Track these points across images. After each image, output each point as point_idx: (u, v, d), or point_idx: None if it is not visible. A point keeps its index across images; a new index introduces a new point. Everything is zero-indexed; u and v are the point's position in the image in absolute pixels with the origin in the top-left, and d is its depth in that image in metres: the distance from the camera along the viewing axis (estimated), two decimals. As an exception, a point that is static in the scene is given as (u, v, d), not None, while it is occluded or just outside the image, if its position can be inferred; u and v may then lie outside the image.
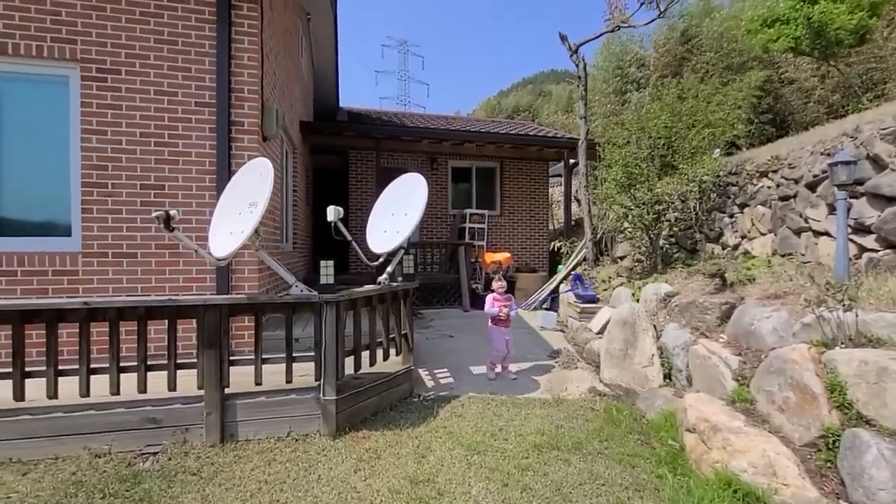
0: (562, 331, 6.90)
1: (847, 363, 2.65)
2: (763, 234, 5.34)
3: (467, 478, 2.74)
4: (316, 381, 3.27)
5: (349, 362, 3.48)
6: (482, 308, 8.97)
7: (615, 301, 6.28)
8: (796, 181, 4.80)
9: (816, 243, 4.46)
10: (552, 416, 3.70)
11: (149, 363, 2.99)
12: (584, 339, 6.01)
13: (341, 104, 12.25)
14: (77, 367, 2.86)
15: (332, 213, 3.68)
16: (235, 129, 4.31)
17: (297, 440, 3.14)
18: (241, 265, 4.29)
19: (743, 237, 5.66)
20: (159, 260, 4.19)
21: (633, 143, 6.15)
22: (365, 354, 3.61)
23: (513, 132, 10.48)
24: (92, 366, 2.89)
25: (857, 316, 2.84)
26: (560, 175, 14.92)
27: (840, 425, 2.56)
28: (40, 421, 2.82)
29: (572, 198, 11.53)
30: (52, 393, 2.83)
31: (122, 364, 2.93)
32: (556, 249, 10.62)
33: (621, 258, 8.16)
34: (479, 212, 10.21)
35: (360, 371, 3.58)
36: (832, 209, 4.19)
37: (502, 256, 9.45)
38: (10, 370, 2.77)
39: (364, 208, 8.77)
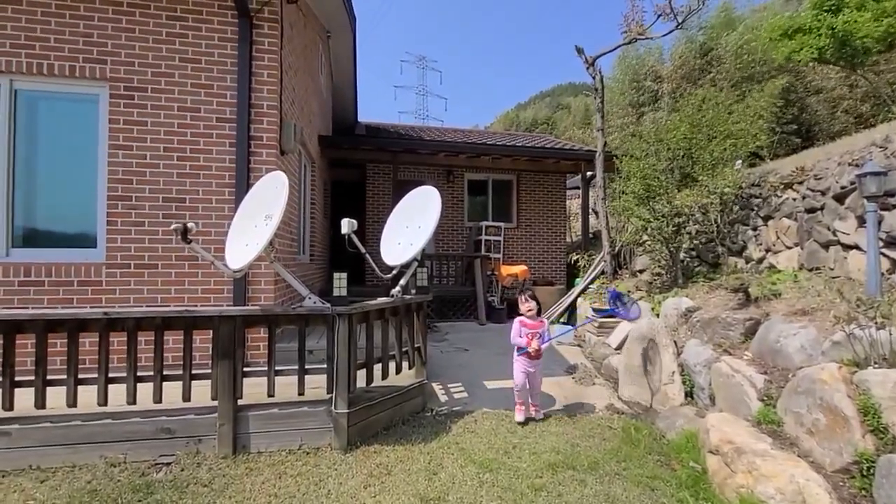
0: (579, 346, 6.75)
1: (881, 385, 2.51)
2: (789, 248, 5.15)
3: (479, 497, 2.67)
4: (328, 393, 3.26)
5: (361, 375, 3.47)
6: (498, 322, 8.93)
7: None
8: (823, 193, 4.63)
9: (846, 257, 4.28)
10: (568, 433, 3.59)
11: (164, 373, 3.03)
12: (601, 355, 5.87)
13: (360, 119, 12.46)
14: (96, 376, 2.91)
15: (346, 225, 3.71)
16: (254, 143, 4.41)
17: (308, 453, 3.13)
18: (257, 277, 4.35)
19: (767, 250, 5.48)
20: (179, 271, 4.28)
21: (651, 156, 6.05)
22: (377, 368, 3.60)
23: (529, 145, 10.47)
24: (110, 375, 2.95)
25: (891, 335, 2.70)
26: (578, 187, 14.81)
27: (875, 451, 2.41)
28: (59, 429, 2.87)
29: (590, 210, 11.43)
30: (72, 402, 2.90)
31: (138, 374, 2.98)
32: (573, 262, 10.49)
33: (640, 272, 7.99)
34: (496, 224, 10.17)
35: (373, 384, 3.56)
36: (862, 222, 4.02)
37: (518, 269, 9.37)
38: (33, 378, 2.84)
39: (381, 221, 8.78)
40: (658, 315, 5.54)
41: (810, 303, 3.89)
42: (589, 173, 10.12)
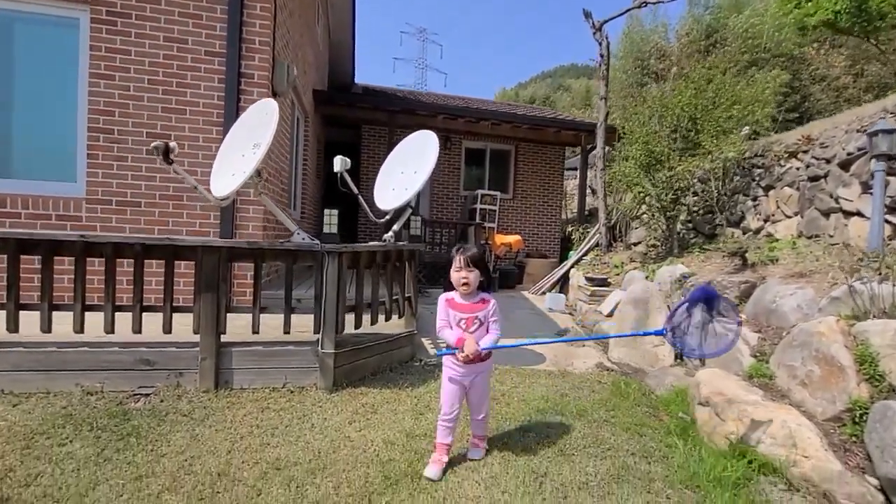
0: (570, 314, 6.73)
1: (881, 333, 2.46)
2: (788, 217, 5.10)
3: (466, 435, 2.62)
4: (315, 333, 3.17)
5: (350, 322, 3.37)
6: (488, 290, 8.87)
7: (627, 284, 6.08)
8: (828, 160, 4.55)
9: (846, 224, 4.23)
10: (557, 385, 3.56)
11: (145, 304, 2.91)
12: (593, 321, 5.85)
13: (357, 81, 12.10)
14: (72, 303, 2.79)
15: (339, 163, 3.56)
16: (245, 81, 4.20)
17: (292, 392, 3.05)
18: (245, 220, 4.20)
19: (766, 220, 5.42)
20: (163, 211, 4.12)
21: (655, 121, 5.91)
22: (366, 314, 3.50)
23: (530, 115, 10.25)
24: (87, 303, 2.82)
25: (893, 287, 2.65)
26: (575, 168, 14.64)
27: (869, 398, 2.38)
28: (33, 354, 2.76)
29: (587, 188, 11.29)
30: (46, 327, 2.77)
31: (117, 303, 2.86)
32: (567, 236, 10.43)
33: (635, 244, 7.94)
34: (492, 193, 10.02)
35: (361, 330, 3.47)
36: (866, 188, 3.95)
37: (513, 239, 9.29)
38: (5, 301, 2.71)
39: (371, 196, 8.66)
40: (652, 282, 5.50)
41: (808, 266, 3.85)
42: (589, 146, 9.97)
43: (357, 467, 2.23)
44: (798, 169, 5.01)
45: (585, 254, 8.41)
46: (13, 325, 2.73)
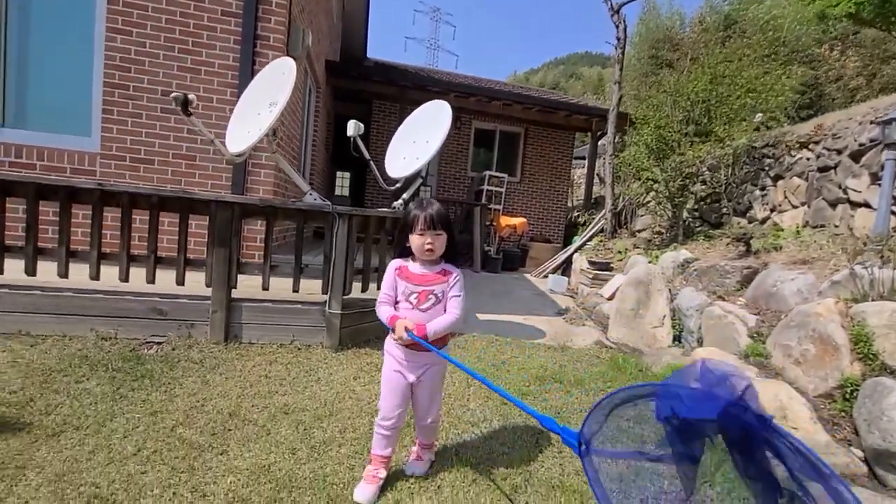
0: (572, 296, 6.80)
1: (878, 314, 2.52)
2: (795, 207, 5.11)
3: (467, 395, 2.71)
4: (323, 294, 3.24)
5: (356, 288, 3.43)
6: (492, 270, 8.93)
7: (629, 269, 6.14)
8: (839, 151, 4.54)
9: (853, 215, 4.25)
10: (556, 358, 3.64)
11: (158, 255, 2.98)
12: (593, 303, 5.92)
13: (369, 55, 11.98)
14: (88, 249, 2.86)
15: (353, 127, 3.58)
16: (260, 43, 4.19)
17: (299, 349, 3.14)
18: (256, 183, 4.24)
19: (773, 210, 5.43)
20: (175, 170, 4.16)
21: (668, 106, 5.87)
22: (374, 284, 3.56)
23: (542, 97, 10.16)
24: (102, 251, 2.89)
25: (894, 270, 2.69)
26: (583, 157, 14.56)
27: (861, 376, 2.45)
28: (50, 298, 2.84)
29: (595, 176, 11.25)
30: (63, 272, 2.85)
31: (132, 253, 2.93)
32: (572, 222, 10.46)
33: (640, 231, 7.97)
34: (499, 175, 10.00)
35: (367, 294, 3.54)
36: (875, 179, 3.96)
37: (517, 221, 9.30)
38: (24, 245, 2.78)
39: (382, 164, 8.66)
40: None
41: (811, 254, 3.88)
42: (599, 133, 9.91)
43: (361, 416, 2.32)
44: (808, 159, 5.01)
45: (590, 239, 8.44)
46: (31, 269, 2.81)
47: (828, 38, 12.69)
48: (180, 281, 3.00)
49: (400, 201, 3.70)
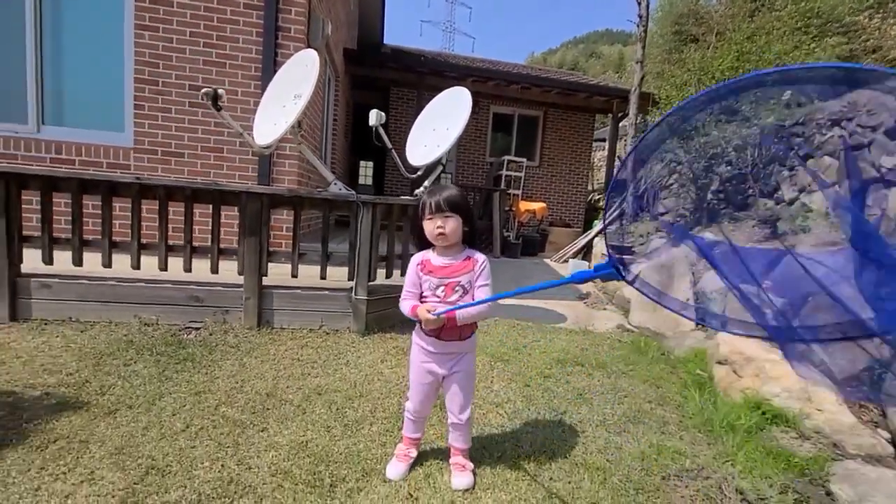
0: (592, 282, 6.79)
1: (908, 296, 2.47)
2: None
3: (490, 377, 2.79)
4: (349, 281, 3.35)
5: (380, 274, 3.53)
6: (512, 256, 8.95)
7: (651, 252, 6.09)
8: (874, 128, 4.38)
9: (887, 194, 4.11)
10: (578, 341, 3.68)
11: (194, 245, 3.12)
12: (614, 288, 5.91)
13: (385, 42, 11.94)
14: (129, 240, 3.02)
15: (375, 116, 3.64)
16: (282, 34, 4.27)
17: (328, 333, 3.26)
18: (281, 174, 4.36)
19: (801, 190, 5.28)
20: (204, 162, 4.31)
21: (692, 84, 5.73)
22: (397, 271, 3.65)
23: (562, 78, 9.99)
24: (142, 241, 3.05)
25: (927, 251, 2.62)
26: (604, 139, 14.28)
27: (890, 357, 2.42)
28: (96, 287, 3.02)
29: (616, 158, 11.06)
30: (107, 262, 3.02)
31: (169, 243, 3.08)
32: (593, 204, 10.34)
33: (662, 214, 7.84)
34: (518, 160, 9.93)
35: (390, 281, 3.64)
36: (911, 157, 3.81)
37: (537, 206, 9.27)
38: (70, 237, 2.95)
39: (401, 152, 8.69)
40: (677, 250, 5.49)
41: (840, 235, 3.79)
42: (620, 114, 9.71)
43: (390, 397, 2.43)
44: (841, 137, 4.84)
45: (611, 222, 8.35)
46: (78, 259, 2.99)
47: (864, 6, 12.02)
48: (214, 269, 3.15)
49: (422, 189, 3.76)
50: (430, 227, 1.63)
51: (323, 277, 3.31)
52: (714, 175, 5.19)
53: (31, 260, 2.96)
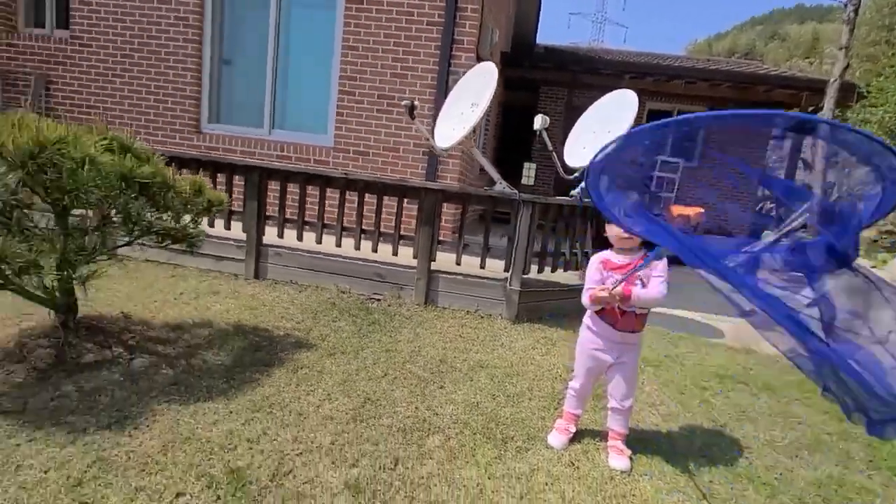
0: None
1: None
2: None
3: (641, 379, 2.83)
4: (504, 271, 3.67)
5: (533, 269, 3.76)
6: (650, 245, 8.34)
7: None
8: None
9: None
10: (739, 360, 3.45)
11: (381, 231, 3.76)
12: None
13: (537, 41, 12.03)
14: (335, 223, 3.77)
15: (539, 121, 3.88)
16: (455, 46, 4.75)
17: (482, 317, 3.63)
18: (445, 172, 4.88)
19: None
20: (384, 160, 5.05)
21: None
22: (548, 269, 3.85)
23: (735, 70, 8.95)
24: (344, 224, 3.78)
25: None
26: (781, 136, 12.22)
27: None
28: (310, 259, 3.84)
29: (799, 160, 9.48)
30: (319, 240, 3.82)
31: (363, 228, 3.76)
32: (760, 209, 9.07)
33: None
34: (672, 160, 9.20)
35: (542, 276, 3.86)
36: None
37: (692, 211, 8.35)
38: (296, 219, 3.82)
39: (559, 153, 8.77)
40: None
41: None
42: (811, 108, 8.32)
43: (543, 379, 2.67)
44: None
45: (786, 234, 7.28)
46: (300, 236, 3.84)
47: None
48: (395, 252, 3.74)
49: (578, 189, 3.89)
50: (616, 231, 1.85)
51: (482, 267, 3.68)
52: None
53: (268, 234, 3.90)
